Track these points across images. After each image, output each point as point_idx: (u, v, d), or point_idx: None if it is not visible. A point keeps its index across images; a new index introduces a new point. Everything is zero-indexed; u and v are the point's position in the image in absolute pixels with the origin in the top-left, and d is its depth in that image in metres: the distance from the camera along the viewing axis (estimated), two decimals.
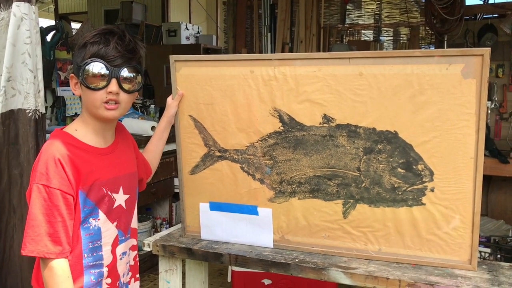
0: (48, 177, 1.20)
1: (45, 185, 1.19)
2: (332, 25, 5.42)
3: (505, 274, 1.46)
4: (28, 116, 2.01)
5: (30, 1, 1.96)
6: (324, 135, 1.56)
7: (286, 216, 1.65)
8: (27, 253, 1.18)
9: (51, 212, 1.19)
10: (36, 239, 1.18)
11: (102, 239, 1.32)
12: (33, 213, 1.19)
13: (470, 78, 1.39)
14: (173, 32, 5.79)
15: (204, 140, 1.71)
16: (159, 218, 3.79)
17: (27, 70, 1.98)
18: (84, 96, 1.30)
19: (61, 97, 3.42)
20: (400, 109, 1.47)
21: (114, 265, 1.37)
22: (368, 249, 1.57)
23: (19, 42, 1.95)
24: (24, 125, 2.01)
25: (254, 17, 5.53)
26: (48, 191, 1.19)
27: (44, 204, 1.19)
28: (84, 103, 1.32)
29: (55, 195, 1.20)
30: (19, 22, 1.93)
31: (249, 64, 1.61)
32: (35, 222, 1.18)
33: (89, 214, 1.29)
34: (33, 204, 1.19)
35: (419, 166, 1.48)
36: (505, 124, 4.13)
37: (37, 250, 1.18)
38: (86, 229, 1.28)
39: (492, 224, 3.54)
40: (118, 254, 1.39)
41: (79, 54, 1.29)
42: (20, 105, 1.99)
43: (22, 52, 1.96)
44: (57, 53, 3.40)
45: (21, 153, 2.01)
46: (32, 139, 2.02)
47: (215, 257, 1.66)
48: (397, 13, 5.33)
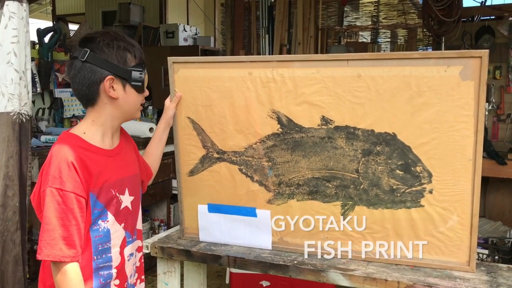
0: (62, 180, 1.19)
1: (59, 188, 1.19)
2: (330, 27, 5.43)
3: (504, 276, 1.47)
4: (12, 120, 1.88)
5: (21, 0, 1.91)
6: (322, 137, 1.56)
7: (284, 217, 1.65)
8: (44, 257, 1.18)
9: (65, 215, 1.19)
10: (52, 243, 1.18)
11: (111, 240, 1.33)
12: (47, 217, 1.18)
13: (468, 80, 1.39)
14: (171, 34, 5.79)
15: (203, 142, 1.71)
16: (157, 220, 3.78)
17: (12, 70, 1.88)
18: (124, 99, 1.32)
19: (59, 98, 3.41)
20: (398, 111, 1.47)
21: (123, 267, 1.38)
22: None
23: (6, 41, 1.88)
24: (8, 129, 1.87)
25: (252, 18, 5.53)
26: (62, 195, 1.19)
27: (58, 207, 1.19)
28: (122, 105, 1.33)
29: (69, 198, 1.20)
30: (6, 21, 1.87)
31: (248, 66, 1.61)
32: (50, 226, 1.18)
33: (99, 216, 1.29)
34: (47, 208, 1.19)
35: (417, 168, 1.48)
36: (502, 126, 4.13)
37: (52, 254, 1.18)
38: (96, 231, 1.29)
39: (489, 225, 3.55)
40: (126, 255, 1.40)
41: (118, 55, 1.29)
42: (3, 108, 1.87)
43: (7, 51, 1.88)
44: (55, 54, 3.39)
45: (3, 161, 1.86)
46: (16, 143, 1.89)
47: (214, 259, 1.66)
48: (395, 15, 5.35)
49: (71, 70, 1.30)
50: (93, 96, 1.30)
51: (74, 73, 1.29)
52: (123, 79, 1.30)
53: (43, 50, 3.25)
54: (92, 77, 1.28)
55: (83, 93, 1.30)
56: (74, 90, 1.32)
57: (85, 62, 1.27)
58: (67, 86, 3.48)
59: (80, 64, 1.28)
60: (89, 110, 1.33)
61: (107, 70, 1.28)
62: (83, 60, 1.27)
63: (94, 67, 1.27)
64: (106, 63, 1.28)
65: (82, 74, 1.28)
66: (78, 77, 1.29)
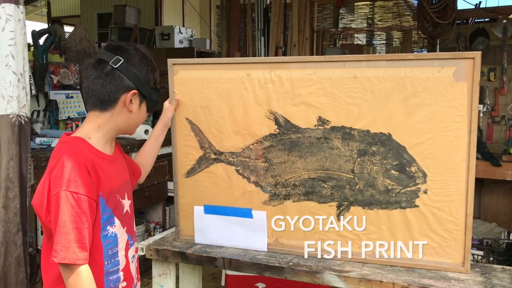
0: (77, 183, 1.20)
1: (73, 191, 1.19)
2: (325, 29, 5.44)
3: (498, 277, 1.47)
4: (12, 122, 1.90)
5: (17, 2, 1.90)
6: (319, 137, 1.57)
7: (280, 219, 1.65)
8: (60, 260, 1.18)
9: (79, 218, 1.19)
10: (67, 246, 1.18)
11: (118, 244, 1.36)
12: (63, 220, 1.18)
13: (462, 81, 1.41)
14: (167, 36, 5.79)
15: (200, 143, 1.71)
16: (153, 222, 3.77)
17: (10, 72, 1.90)
18: (136, 114, 1.37)
19: (54, 100, 3.39)
20: (393, 111, 1.48)
21: (128, 268, 1.41)
22: (361, 252, 1.57)
23: (3, 44, 1.89)
24: (7, 131, 1.89)
25: (248, 20, 5.54)
26: (76, 198, 1.19)
27: (72, 210, 1.19)
28: (132, 119, 1.37)
29: (83, 201, 1.21)
30: (3, 24, 1.88)
31: (246, 67, 1.62)
32: (65, 229, 1.18)
33: (107, 222, 1.32)
34: (62, 211, 1.18)
35: (412, 168, 1.49)
36: (497, 128, 4.16)
37: (68, 257, 1.18)
38: (105, 237, 1.31)
39: (484, 226, 3.57)
40: (130, 257, 1.43)
41: (146, 74, 1.35)
42: (3, 111, 1.89)
43: (5, 54, 1.89)
44: (50, 56, 3.38)
45: (3, 163, 1.89)
46: (16, 146, 1.91)
47: (209, 261, 1.66)
48: (390, 17, 5.36)
49: (95, 70, 1.32)
50: (110, 102, 1.32)
51: (99, 75, 1.31)
52: (142, 96, 1.36)
53: (38, 52, 3.24)
54: (119, 85, 1.31)
55: (101, 95, 1.31)
56: (90, 89, 1.32)
57: (116, 69, 1.30)
58: (62, 88, 3.47)
59: (110, 69, 1.30)
60: (95, 114, 1.33)
61: (134, 84, 1.32)
62: (114, 66, 1.30)
63: (123, 77, 1.31)
64: (135, 78, 1.32)
65: (109, 79, 1.30)
66: (103, 80, 1.30)
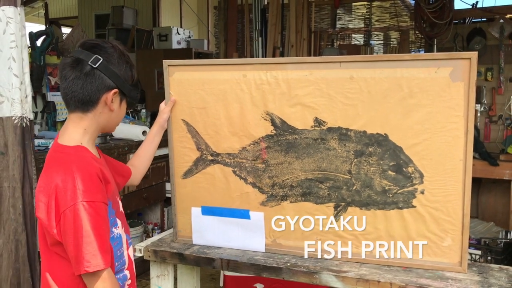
0: (92, 192, 1.20)
1: (90, 201, 1.19)
2: (323, 30, 5.45)
3: (495, 276, 1.47)
4: (14, 124, 1.95)
5: (16, 4, 1.92)
6: (315, 138, 1.57)
7: (278, 219, 1.65)
8: (93, 269, 1.18)
9: (99, 225, 1.20)
10: (95, 254, 1.18)
11: (123, 245, 1.37)
12: (86, 231, 1.18)
13: (458, 81, 1.41)
14: (164, 37, 5.79)
15: (197, 144, 1.71)
16: (151, 223, 3.77)
17: (12, 75, 1.93)
18: (117, 113, 1.35)
19: (52, 102, 3.39)
20: (390, 112, 1.48)
21: (131, 266, 1.43)
22: (359, 252, 1.57)
23: (5, 47, 1.91)
24: (11, 133, 1.95)
25: (245, 21, 5.55)
26: (95, 206, 1.19)
27: (92, 219, 1.19)
28: (113, 118, 1.36)
29: (101, 208, 1.21)
30: (4, 27, 1.89)
31: (242, 68, 1.62)
32: (89, 238, 1.18)
33: (113, 224, 1.32)
34: (84, 222, 1.18)
35: (409, 169, 1.49)
36: (494, 127, 4.17)
37: (98, 265, 1.18)
38: (112, 239, 1.31)
39: (482, 226, 3.57)
40: (131, 255, 1.44)
41: (125, 72, 1.33)
42: (8, 112, 1.94)
43: (7, 57, 1.91)
44: (48, 58, 3.38)
45: (10, 164, 1.96)
46: (18, 147, 1.96)
47: (207, 262, 1.66)
48: (387, 17, 5.37)
49: (74, 71, 1.27)
50: (92, 103, 1.29)
51: (78, 75, 1.27)
52: (123, 94, 1.34)
53: (35, 54, 3.24)
54: (100, 85, 1.28)
55: (82, 97, 1.28)
56: (70, 91, 1.28)
57: (96, 69, 1.27)
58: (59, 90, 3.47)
59: (90, 68, 1.27)
60: (78, 116, 1.31)
61: (115, 82, 1.30)
62: (94, 66, 1.27)
63: (104, 76, 1.28)
64: (116, 77, 1.30)
65: (89, 79, 1.27)
66: (83, 80, 1.27)
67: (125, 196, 3.19)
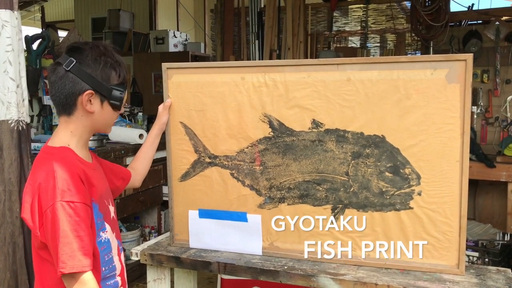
0: (71, 192, 1.19)
1: (69, 201, 1.18)
2: (319, 32, 5.45)
3: (493, 278, 1.47)
4: (10, 127, 1.96)
5: (12, 7, 1.93)
6: (313, 140, 1.57)
7: (275, 222, 1.64)
8: (69, 270, 1.16)
9: (79, 226, 1.18)
10: (72, 255, 1.17)
11: (112, 250, 1.36)
12: (64, 231, 1.17)
13: (454, 83, 1.42)
14: (161, 40, 5.79)
15: (195, 147, 1.71)
16: (148, 227, 3.75)
17: (8, 78, 1.94)
18: (100, 114, 1.32)
19: (48, 105, 3.38)
20: (387, 113, 1.48)
21: (123, 273, 1.42)
22: (357, 255, 1.57)
23: (1, 50, 1.91)
24: (7, 137, 1.95)
25: (242, 24, 5.55)
26: (73, 207, 1.18)
27: (71, 220, 1.17)
28: (97, 120, 1.32)
29: (80, 209, 1.20)
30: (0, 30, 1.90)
31: (240, 71, 1.63)
32: (67, 239, 1.17)
33: (100, 228, 1.31)
34: (61, 222, 1.17)
35: (406, 170, 1.49)
36: (491, 129, 4.18)
37: (76, 266, 1.17)
38: (100, 243, 1.30)
39: (479, 228, 3.57)
40: (123, 262, 1.44)
41: (103, 72, 1.29)
42: (3, 116, 1.95)
43: (3, 60, 1.92)
44: (44, 61, 3.36)
45: (6, 167, 1.96)
46: (15, 150, 1.97)
47: (204, 266, 1.65)
48: (384, 20, 5.38)
49: (52, 75, 1.29)
50: (70, 106, 1.29)
51: (55, 79, 1.28)
52: (102, 96, 1.31)
53: (31, 57, 3.23)
54: (72, 88, 1.27)
55: (60, 100, 1.29)
56: (51, 95, 1.31)
57: (69, 71, 1.26)
58: None
59: (63, 72, 1.27)
60: (64, 120, 1.31)
61: (89, 84, 1.28)
62: (67, 69, 1.26)
63: (76, 78, 1.27)
64: (89, 78, 1.27)
65: (62, 82, 1.27)
66: (58, 84, 1.28)
67: (121, 200, 3.18)
